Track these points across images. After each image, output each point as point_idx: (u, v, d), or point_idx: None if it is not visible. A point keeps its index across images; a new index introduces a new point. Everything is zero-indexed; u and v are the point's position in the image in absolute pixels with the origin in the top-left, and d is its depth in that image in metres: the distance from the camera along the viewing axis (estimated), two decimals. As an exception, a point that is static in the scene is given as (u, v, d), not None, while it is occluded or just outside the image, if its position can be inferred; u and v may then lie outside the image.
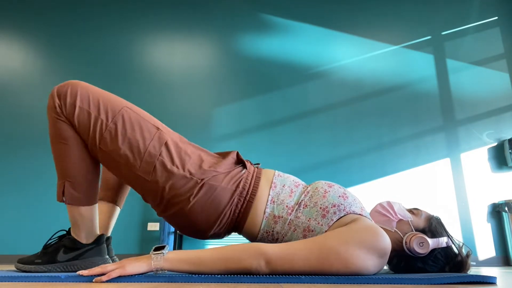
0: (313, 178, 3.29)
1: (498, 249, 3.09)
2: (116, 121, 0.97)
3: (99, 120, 0.96)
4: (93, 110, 0.97)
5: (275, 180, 1.05)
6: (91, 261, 1.05)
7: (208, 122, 3.45)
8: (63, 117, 0.97)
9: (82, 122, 0.96)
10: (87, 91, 0.98)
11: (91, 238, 1.06)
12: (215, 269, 0.82)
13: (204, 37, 3.68)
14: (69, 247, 1.04)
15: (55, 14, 3.72)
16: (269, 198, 1.01)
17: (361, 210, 1.01)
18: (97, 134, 0.96)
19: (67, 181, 1.00)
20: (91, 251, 1.05)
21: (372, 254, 0.84)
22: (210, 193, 0.97)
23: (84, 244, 1.05)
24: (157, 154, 0.97)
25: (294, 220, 0.98)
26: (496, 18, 3.64)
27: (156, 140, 0.98)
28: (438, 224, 1.08)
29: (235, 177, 1.00)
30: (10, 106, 3.49)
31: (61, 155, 1.00)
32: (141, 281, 0.77)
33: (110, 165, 1.01)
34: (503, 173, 3.28)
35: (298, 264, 0.83)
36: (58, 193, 1.02)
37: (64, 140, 0.98)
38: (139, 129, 0.98)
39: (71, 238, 1.06)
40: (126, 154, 0.96)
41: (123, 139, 0.96)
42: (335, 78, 3.55)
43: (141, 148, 0.96)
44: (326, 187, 1.03)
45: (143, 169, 0.96)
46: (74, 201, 1.01)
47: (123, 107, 0.99)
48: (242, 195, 0.99)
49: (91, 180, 1.03)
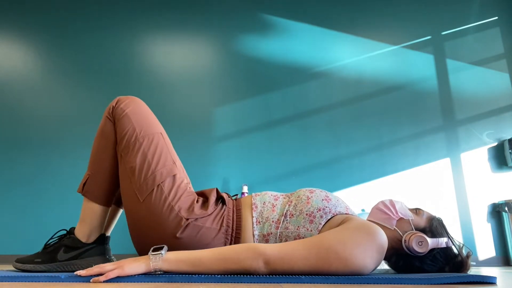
0: (313, 178, 3.29)
1: (498, 249, 3.09)
2: (145, 138, 1.06)
3: (135, 132, 1.06)
4: (135, 122, 1.08)
5: (254, 201, 1.08)
6: (90, 261, 1.05)
7: (208, 122, 3.45)
8: (111, 117, 1.10)
9: (121, 126, 1.07)
10: (139, 107, 1.11)
11: (92, 238, 1.08)
12: (214, 269, 0.83)
13: (204, 37, 3.68)
14: (70, 247, 1.05)
15: (55, 15, 3.72)
16: (253, 221, 1.03)
17: (346, 209, 1.03)
18: (124, 141, 1.06)
19: (92, 175, 1.09)
20: (91, 250, 1.06)
21: (370, 251, 0.85)
22: (195, 232, 0.99)
23: (85, 244, 1.06)
24: (160, 182, 1.02)
25: (283, 231, 0.99)
26: (496, 18, 3.64)
27: (167, 169, 1.04)
28: (439, 225, 1.08)
29: (217, 217, 1.03)
30: (10, 106, 3.49)
31: (97, 149, 1.11)
32: (141, 281, 0.77)
33: (121, 174, 1.07)
34: (503, 173, 3.28)
35: (297, 264, 0.83)
36: (81, 184, 1.11)
37: (104, 136, 1.10)
38: (159, 154, 1.06)
39: (72, 237, 1.07)
40: (135, 168, 1.03)
41: (141, 155, 1.04)
42: (335, 78, 3.55)
43: (151, 169, 1.03)
44: (308, 193, 1.06)
45: (141, 188, 1.01)
46: (90, 196, 1.08)
47: (158, 132, 1.10)
48: (228, 233, 1.02)
49: (113, 181, 1.11)
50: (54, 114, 3.48)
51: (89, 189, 1.08)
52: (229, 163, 3.34)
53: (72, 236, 1.07)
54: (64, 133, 3.41)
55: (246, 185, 3.17)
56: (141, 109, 1.11)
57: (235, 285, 0.70)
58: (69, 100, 3.50)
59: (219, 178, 3.30)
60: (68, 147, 3.34)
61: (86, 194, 1.08)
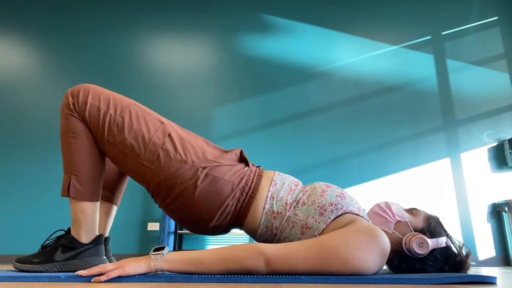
0: (313, 178, 3.29)
1: (498, 249, 3.09)
2: (123, 115, 1.04)
3: (108, 114, 1.04)
4: (103, 106, 1.05)
5: (275, 179, 1.09)
6: (88, 261, 1.05)
7: (208, 122, 3.45)
8: (75, 113, 1.05)
9: (92, 117, 1.04)
10: (98, 91, 1.08)
11: (90, 238, 1.08)
12: (215, 269, 0.83)
13: (204, 37, 3.68)
14: (67, 247, 1.05)
15: (56, 15, 3.72)
16: (268, 194, 1.04)
17: (358, 210, 1.02)
18: (105, 127, 1.03)
19: (73, 175, 1.05)
20: (89, 251, 1.06)
21: (372, 254, 0.85)
22: (214, 183, 1.01)
23: (83, 244, 1.06)
24: (161, 144, 1.02)
25: (292, 217, 1.00)
26: (496, 18, 3.64)
27: (160, 131, 1.04)
28: (436, 224, 1.08)
29: (238, 172, 1.05)
30: (10, 106, 3.49)
31: (70, 149, 1.06)
32: (141, 281, 0.77)
33: (118, 157, 1.06)
34: (503, 173, 3.28)
35: (298, 264, 0.83)
36: (64, 187, 1.07)
37: (74, 134, 1.05)
38: (145, 122, 1.05)
39: (69, 238, 1.06)
40: (132, 144, 1.02)
41: (129, 131, 1.03)
42: (335, 78, 3.55)
43: (146, 139, 1.02)
44: (324, 187, 1.06)
45: (147, 158, 1.01)
46: (78, 196, 1.05)
47: (130, 104, 1.08)
48: (245, 190, 1.03)
49: (96, 175, 1.08)
50: (54, 114, 3.48)
51: (74, 189, 1.05)
52: (229, 163, 3.34)
53: (69, 236, 1.07)
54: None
55: (246, 185, 3.16)
56: (100, 91, 1.08)
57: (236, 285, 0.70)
58: (69, 100, 3.50)
59: (219, 178, 3.30)
60: (68, 147, 3.34)
61: (72, 195, 1.05)
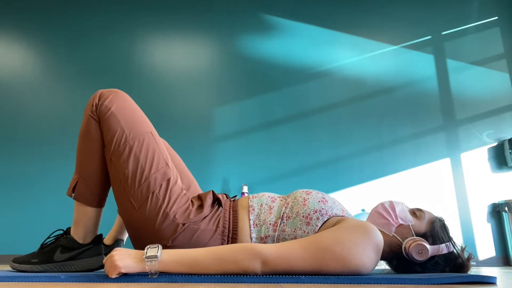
0: (313, 178, 3.29)
1: (498, 249, 3.09)
2: (135, 140, 1.01)
3: (123, 134, 1.00)
4: (122, 121, 1.01)
5: (251, 204, 1.06)
6: (88, 261, 1.05)
7: (208, 122, 3.45)
8: (95, 116, 1.03)
9: (109, 126, 1.01)
10: (125, 103, 1.04)
11: (89, 238, 1.07)
12: (211, 269, 0.82)
13: (204, 37, 3.68)
14: (67, 247, 1.05)
15: (55, 15, 3.72)
16: (251, 223, 1.02)
17: (342, 211, 1.02)
18: (113, 144, 1.00)
19: (81, 178, 1.04)
20: (88, 251, 1.05)
21: (367, 250, 0.85)
22: (191, 234, 0.98)
23: (82, 244, 1.05)
24: (155, 188, 0.98)
25: (280, 234, 0.99)
26: (496, 18, 3.64)
27: (161, 173, 1.01)
28: (440, 228, 1.05)
29: (213, 218, 1.02)
30: (10, 107, 3.49)
31: (83, 152, 1.05)
32: (141, 281, 0.77)
33: (112, 179, 1.03)
34: (503, 173, 3.28)
35: (296, 264, 0.83)
36: (70, 187, 1.06)
37: (90, 138, 1.03)
38: (152, 157, 1.01)
39: (69, 238, 1.06)
40: (128, 175, 0.99)
41: (133, 160, 0.99)
42: (335, 78, 3.55)
43: (144, 175, 0.99)
44: (305, 195, 1.05)
45: (136, 197, 0.98)
46: (82, 199, 1.04)
47: (147, 132, 1.04)
48: (224, 234, 1.00)
49: (104, 183, 1.06)
50: (54, 114, 3.48)
51: (80, 192, 1.04)
52: (229, 163, 3.34)
53: (68, 236, 1.07)
54: (64, 133, 3.41)
55: (246, 185, 3.17)
56: (127, 105, 1.05)
57: (235, 285, 0.70)
58: (69, 100, 3.50)
59: (219, 178, 3.30)
60: (68, 147, 3.34)
61: (78, 198, 1.04)
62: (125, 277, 0.78)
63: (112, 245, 1.37)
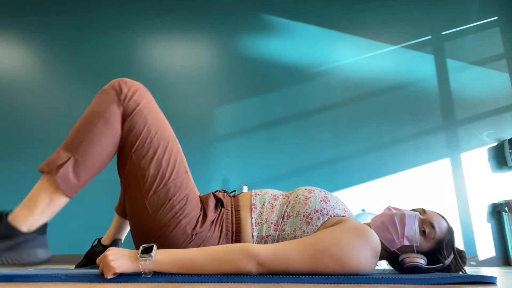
0: (313, 178, 3.28)
1: (498, 249, 3.09)
2: (160, 143, 0.96)
3: (149, 133, 0.95)
4: (149, 121, 0.96)
5: (253, 202, 1.05)
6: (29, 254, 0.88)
7: (208, 122, 3.45)
8: (121, 106, 0.94)
9: (135, 122, 0.94)
10: (152, 101, 1.01)
11: (33, 227, 0.89)
12: (207, 270, 0.82)
13: (204, 37, 3.68)
14: (4, 236, 0.86)
15: (55, 15, 3.72)
16: (253, 222, 1.01)
17: (343, 211, 1.01)
18: (138, 142, 0.93)
19: (74, 159, 0.88)
20: (31, 241, 0.87)
21: (364, 253, 0.84)
22: (199, 242, 0.96)
23: (22, 233, 0.87)
24: (172, 196, 0.94)
25: (281, 233, 0.98)
26: (496, 18, 3.64)
27: (180, 181, 0.97)
28: (446, 247, 1.00)
29: (217, 222, 1.00)
30: (9, 107, 3.49)
31: (91, 132, 0.91)
32: (141, 281, 0.77)
33: (127, 178, 0.96)
34: (503, 173, 3.28)
35: (293, 265, 0.83)
36: (52, 162, 0.88)
37: (106, 122, 0.92)
38: (174, 164, 0.97)
39: (5, 223, 0.87)
40: (148, 177, 0.93)
41: (155, 163, 0.94)
42: (335, 78, 3.55)
43: (164, 180, 0.94)
44: (307, 193, 1.03)
45: (152, 200, 0.94)
46: (63, 184, 0.87)
47: (172, 136, 1.01)
48: (228, 236, 1.00)
49: (95, 173, 0.93)
50: (54, 114, 3.48)
51: (64, 174, 0.87)
52: (229, 163, 3.34)
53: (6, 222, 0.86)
54: (64, 133, 3.39)
55: (246, 185, 3.17)
56: (154, 104, 1.01)
57: (235, 285, 0.70)
58: (69, 100, 3.50)
59: (219, 178, 3.30)
60: (68, 147, 3.34)
61: (58, 180, 0.86)
62: (125, 277, 0.78)
63: (110, 245, 1.35)
